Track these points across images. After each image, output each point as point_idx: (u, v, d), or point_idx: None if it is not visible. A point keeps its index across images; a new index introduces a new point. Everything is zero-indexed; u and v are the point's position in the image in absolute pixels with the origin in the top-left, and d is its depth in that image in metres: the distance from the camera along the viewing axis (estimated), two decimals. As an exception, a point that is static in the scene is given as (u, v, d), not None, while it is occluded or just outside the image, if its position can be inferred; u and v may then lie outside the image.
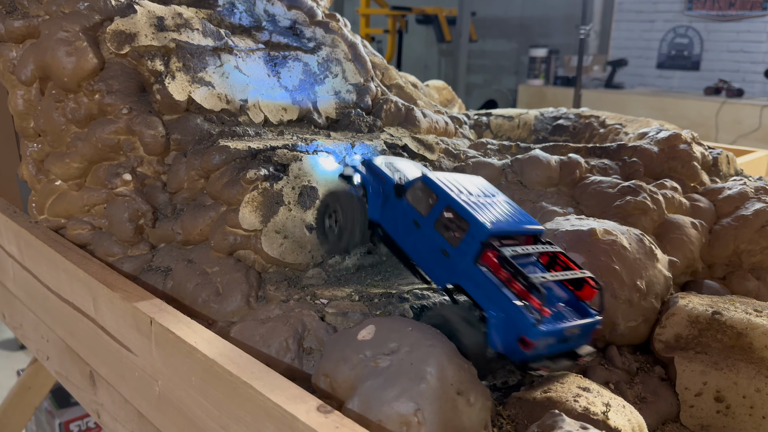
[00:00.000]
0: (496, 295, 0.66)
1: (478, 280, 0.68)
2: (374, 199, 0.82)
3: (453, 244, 0.71)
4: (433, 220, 0.73)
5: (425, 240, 0.74)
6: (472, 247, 0.69)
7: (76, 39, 0.90)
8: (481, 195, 0.75)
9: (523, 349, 0.64)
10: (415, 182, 0.77)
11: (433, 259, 0.73)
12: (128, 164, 0.93)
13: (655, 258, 0.87)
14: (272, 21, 1.16)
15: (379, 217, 0.81)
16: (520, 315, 0.64)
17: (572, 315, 0.70)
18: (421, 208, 0.75)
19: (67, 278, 0.87)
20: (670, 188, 1.03)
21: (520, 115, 1.74)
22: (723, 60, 5.91)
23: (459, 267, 0.70)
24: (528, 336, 0.63)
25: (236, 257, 0.87)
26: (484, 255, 0.69)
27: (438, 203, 0.73)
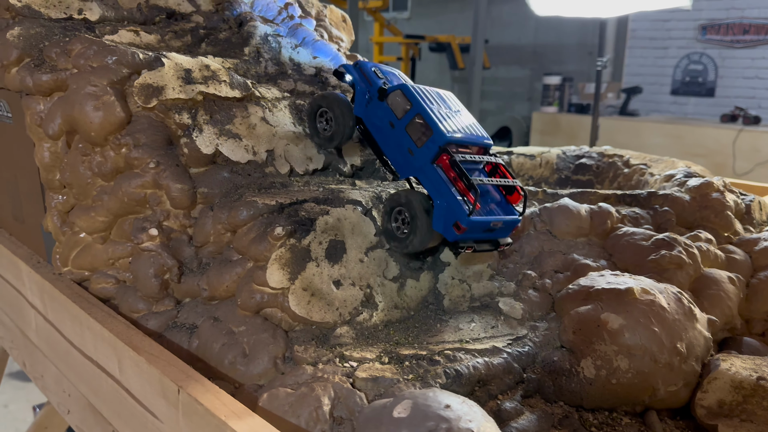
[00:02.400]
0: (443, 189, 0.84)
1: (431, 176, 0.85)
2: (360, 97, 0.96)
3: (417, 145, 0.86)
4: (405, 123, 0.88)
5: (396, 139, 0.89)
6: (431, 149, 0.85)
7: (103, 93, 0.90)
8: (448, 108, 0.90)
9: (456, 232, 0.82)
10: (395, 89, 0.90)
11: (400, 155, 0.90)
12: (154, 218, 0.92)
13: (695, 318, 0.84)
14: (297, 69, 1.15)
15: (363, 114, 0.95)
16: (458, 206, 0.82)
17: (500, 212, 0.87)
18: (397, 111, 0.89)
19: (92, 336, 0.86)
20: (704, 240, 1.01)
21: (542, 154, 1.72)
22: (738, 87, 5.89)
23: (419, 164, 0.86)
24: (461, 222, 0.81)
25: (263, 315, 0.85)
26: (439, 157, 0.85)
27: (411, 110, 0.88)
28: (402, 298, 0.95)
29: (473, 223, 0.82)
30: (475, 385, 0.79)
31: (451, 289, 0.98)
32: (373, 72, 0.97)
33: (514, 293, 0.96)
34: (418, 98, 0.88)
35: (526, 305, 0.94)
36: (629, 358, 0.79)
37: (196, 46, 1.11)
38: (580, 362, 0.81)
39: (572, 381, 0.81)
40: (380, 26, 6.29)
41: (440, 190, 0.84)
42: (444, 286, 0.98)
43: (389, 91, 0.91)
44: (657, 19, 6.21)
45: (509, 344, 0.85)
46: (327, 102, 0.98)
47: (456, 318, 0.93)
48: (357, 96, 0.96)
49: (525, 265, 1.02)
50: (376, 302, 0.91)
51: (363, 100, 0.95)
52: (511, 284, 0.98)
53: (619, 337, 0.80)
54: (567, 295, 0.89)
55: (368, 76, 0.96)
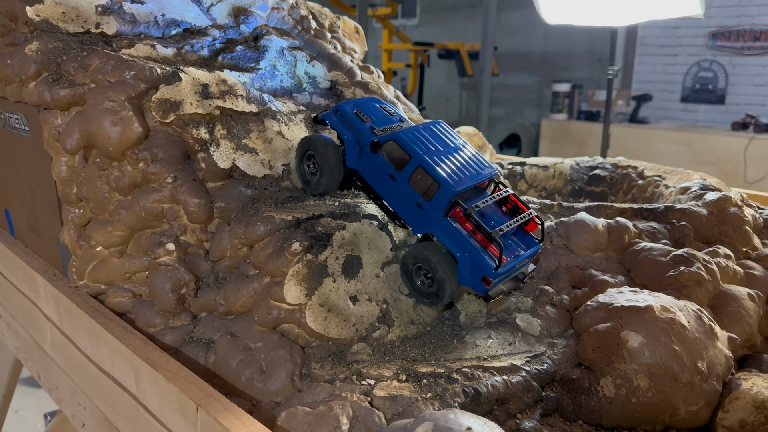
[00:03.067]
0: (464, 242, 0.81)
1: (448, 230, 0.82)
2: (351, 149, 0.90)
3: (426, 199, 0.83)
4: (407, 176, 0.84)
5: (401, 193, 0.85)
6: (442, 203, 0.81)
7: (121, 108, 0.90)
8: (445, 146, 0.86)
9: (485, 286, 0.81)
10: (387, 140, 0.86)
11: (408, 209, 0.86)
12: (171, 233, 0.92)
13: (715, 336, 0.83)
14: (313, 83, 1.15)
15: (357, 166, 0.90)
16: (483, 260, 0.80)
17: (521, 248, 0.86)
18: (395, 164, 0.85)
19: (109, 351, 0.86)
20: (723, 256, 1.00)
21: (555, 165, 1.72)
22: (749, 94, 5.86)
23: (431, 218, 0.83)
24: (490, 276, 0.80)
25: (280, 331, 0.85)
26: (452, 210, 0.82)
27: (411, 162, 0.83)
28: (418, 314, 0.94)
29: (501, 275, 0.81)
30: (494, 403, 0.78)
31: (468, 304, 0.97)
32: (355, 116, 0.92)
33: (531, 309, 0.96)
34: (415, 149, 0.83)
35: (543, 321, 0.93)
36: (649, 377, 0.79)
37: (213, 59, 1.11)
38: (600, 381, 0.81)
39: (592, 400, 0.80)
40: (389, 33, 6.31)
41: (461, 243, 0.82)
42: (460, 301, 0.97)
43: (381, 142, 0.86)
44: (667, 27, 6.19)
45: (528, 362, 0.85)
46: (313, 146, 0.92)
47: (473, 334, 0.93)
48: (347, 147, 0.91)
49: (542, 280, 1.01)
50: (392, 318, 0.91)
51: (354, 152, 0.90)
52: (528, 300, 0.97)
53: (639, 355, 0.79)
54: (586, 311, 0.89)
55: (352, 123, 0.91)
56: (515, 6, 6.70)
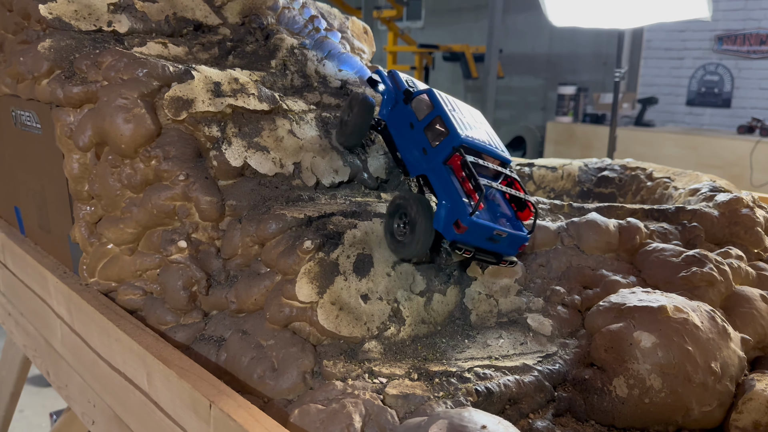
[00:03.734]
0: (450, 188, 0.83)
1: (440, 175, 0.85)
2: (387, 101, 0.98)
3: (432, 144, 0.87)
4: (424, 124, 0.90)
5: (414, 138, 0.91)
6: (445, 149, 0.85)
7: (134, 106, 0.90)
8: (470, 118, 0.92)
9: (456, 231, 0.80)
10: (421, 93, 0.93)
11: (414, 154, 0.91)
12: (183, 230, 0.92)
13: (729, 337, 0.83)
14: (323, 82, 1.15)
15: (386, 116, 0.98)
16: (462, 204, 0.81)
17: (508, 225, 0.85)
18: (419, 113, 0.91)
19: (120, 348, 0.86)
20: (735, 257, 0.99)
21: (564, 166, 1.71)
22: (755, 98, 5.85)
23: (431, 163, 0.87)
24: (462, 220, 0.79)
25: (291, 329, 0.85)
26: (452, 157, 0.85)
27: (432, 112, 0.89)
28: (429, 313, 0.94)
29: (474, 224, 0.79)
30: (506, 403, 0.78)
31: (478, 304, 0.97)
32: (404, 80, 1.00)
33: (542, 309, 0.95)
34: (441, 102, 0.90)
35: (555, 322, 0.93)
36: (662, 377, 0.78)
37: (223, 58, 1.11)
38: (612, 381, 0.80)
39: (604, 400, 0.80)
40: (394, 35, 6.32)
41: (447, 189, 0.83)
42: (471, 300, 0.97)
43: (415, 95, 0.94)
44: (673, 30, 6.18)
45: (539, 362, 0.84)
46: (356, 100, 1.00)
47: (483, 334, 0.92)
48: (384, 101, 0.99)
49: (553, 280, 1.01)
50: (403, 317, 0.91)
51: (389, 104, 0.98)
52: (540, 300, 0.97)
53: (652, 355, 0.79)
54: (598, 312, 0.88)
55: (398, 82, 0.99)
56: (520, 9, 6.70)
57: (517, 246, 0.86)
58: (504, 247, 0.85)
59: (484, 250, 0.84)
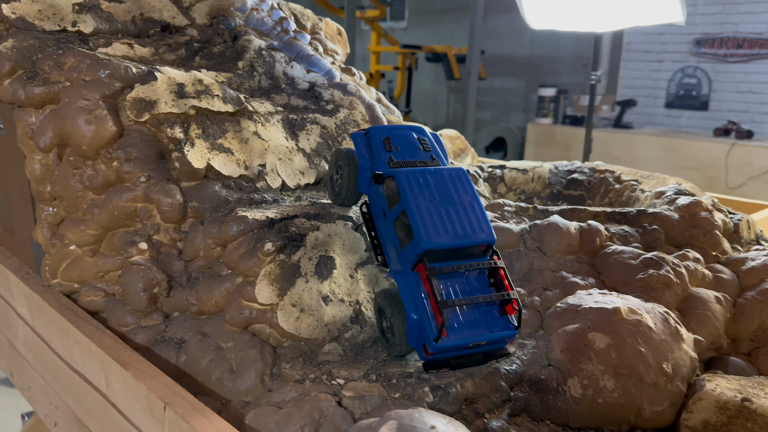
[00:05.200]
0: (418, 302, 0.75)
1: (408, 284, 0.76)
2: (363, 174, 0.87)
3: (402, 245, 0.77)
4: (394, 217, 0.79)
5: (388, 231, 0.81)
6: (412, 255, 0.75)
7: (96, 107, 0.90)
8: (448, 198, 0.78)
9: (425, 354, 0.75)
10: (389, 176, 0.80)
11: (390, 250, 0.81)
12: (144, 232, 0.92)
13: (681, 338, 0.85)
14: (291, 84, 1.16)
15: (366, 191, 0.87)
16: (428, 327, 0.73)
17: (487, 328, 0.76)
18: (390, 202, 0.80)
19: (79, 350, 0.86)
20: (692, 260, 1.01)
21: (534, 168, 1.73)
22: (731, 101, 5.94)
23: (402, 267, 0.78)
24: (428, 346, 0.73)
25: (251, 331, 0.85)
26: (419, 265, 0.75)
27: (399, 204, 0.78)
28: (391, 314, 0.95)
29: (441, 349, 0.73)
30: (462, 403, 0.79)
31: (441, 305, 0.98)
32: (381, 142, 0.86)
33: (502, 310, 0.96)
34: (407, 191, 0.77)
35: (514, 323, 0.94)
36: (615, 378, 0.80)
37: (190, 59, 1.11)
38: (567, 381, 0.82)
39: (559, 400, 0.81)
40: (377, 36, 6.32)
41: (414, 302, 0.75)
42: (433, 302, 0.98)
43: (385, 176, 0.81)
44: (652, 33, 6.25)
45: (497, 362, 0.85)
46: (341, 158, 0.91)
47: (445, 335, 0.93)
48: (360, 172, 0.87)
49: (514, 282, 1.02)
50: (364, 319, 0.91)
51: (366, 178, 0.86)
52: (500, 301, 0.98)
53: (606, 356, 0.80)
54: (555, 313, 0.90)
55: (374, 149, 0.86)
56: (502, 10, 6.74)
57: (506, 342, 0.79)
58: (490, 347, 0.78)
59: (466, 356, 0.77)
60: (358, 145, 0.88)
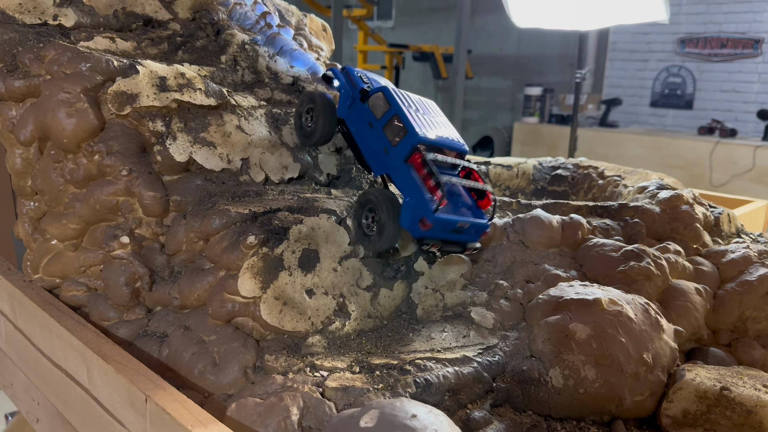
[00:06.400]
0: (413, 186, 0.86)
1: (403, 174, 0.88)
2: (344, 99, 0.99)
3: (392, 144, 0.89)
4: (383, 123, 0.91)
5: (374, 138, 0.92)
6: (405, 148, 0.88)
7: (76, 100, 0.90)
8: (428, 114, 0.94)
9: (422, 228, 0.84)
10: (377, 91, 0.94)
11: (376, 154, 0.93)
12: (126, 226, 0.92)
13: (661, 329, 0.86)
14: (275, 78, 1.16)
15: (345, 115, 0.99)
16: (425, 203, 0.84)
17: (469, 215, 0.89)
18: (376, 112, 0.92)
19: (61, 344, 0.85)
20: (673, 252, 1.02)
21: (519, 164, 1.74)
22: (716, 100, 6.00)
23: (393, 162, 0.89)
24: (427, 218, 0.83)
25: (234, 324, 0.85)
26: (412, 156, 0.88)
27: (389, 111, 0.91)
28: (375, 308, 0.95)
29: (438, 220, 0.84)
30: (445, 394, 0.79)
31: (425, 298, 0.98)
32: (358, 77, 1.01)
33: (486, 303, 0.97)
34: (397, 100, 0.91)
35: (497, 315, 0.94)
36: (596, 368, 0.80)
37: (173, 53, 1.11)
38: (549, 372, 0.82)
39: (541, 390, 0.82)
40: (364, 35, 6.32)
41: (410, 187, 0.86)
42: (417, 295, 0.98)
43: (371, 93, 0.95)
44: (637, 32, 6.31)
45: (480, 353, 0.86)
46: (312, 99, 1.01)
47: (428, 327, 0.94)
48: (341, 98, 1.00)
49: (498, 275, 1.03)
50: (348, 311, 0.91)
51: (346, 103, 0.99)
52: (484, 294, 0.99)
53: (587, 347, 0.81)
54: (537, 305, 0.91)
55: (353, 79, 1.00)
56: (489, 10, 6.76)
57: (480, 233, 0.92)
58: (468, 237, 0.90)
59: (449, 241, 0.89)
60: (338, 75, 1.01)
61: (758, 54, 5.73)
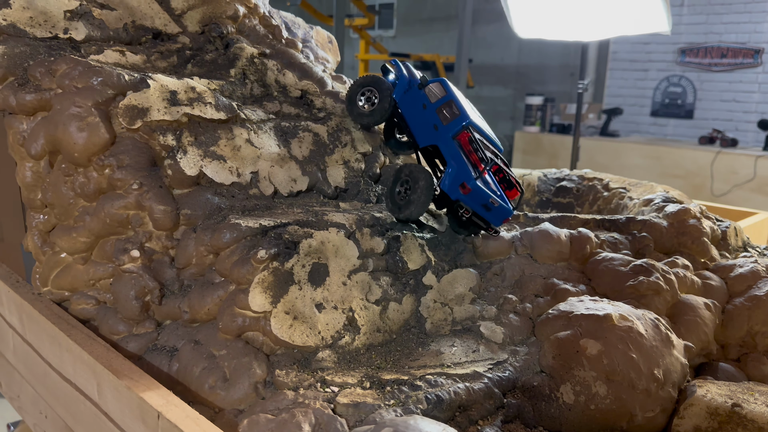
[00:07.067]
0: (458, 157, 1.02)
1: (450, 146, 1.03)
2: (400, 86, 1.14)
3: (444, 123, 1.05)
4: (437, 106, 1.07)
5: (425, 116, 1.08)
6: (456, 126, 1.03)
7: (88, 114, 0.90)
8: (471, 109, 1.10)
9: (461, 191, 1.00)
10: (434, 81, 1.10)
11: (424, 130, 1.08)
12: (136, 239, 0.92)
13: (672, 344, 0.86)
14: (283, 91, 1.16)
15: (399, 98, 1.14)
16: (467, 170, 1.00)
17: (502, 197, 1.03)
18: (431, 97, 1.08)
19: (71, 358, 0.85)
20: (681, 266, 1.03)
21: (524, 176, 1.74)
22: (716, 109, 6.01)
23: (442, 137, 1.05)
24: (467, 182, 0.99)
25: (244, 339, 0.85)
26: (461, 134, 1.03)
27: (444, 96, 1.07)
28: (384, 321, 0.95)
29: (477, 188, 0.99)
30: (456, 410, 0.79)
31: (433, 312, 0.98)
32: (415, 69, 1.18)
33: (495, 317, 0.97)
34: (452, 90, 1.08)
35: (506, 329, 0.94)
36: (607, 384, 0.80)
37: (182, 67, 1.11)
38: (560, 387, 0.82)
39: (552, 406, 0.82)
40: (366, 44, 6.34)
41: (455, 157, 1.02)
42: (426, 309, 0.98)
43: (429, 82, 1.11)
44: (638, 42, 6.33)
45: (490, 369, 0.86)
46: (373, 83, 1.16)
47: (438, 342, 0.94)
48: (398, 84, 1.14)
49: (506, 288, 1.03)
50: (358, 326, 0.91)
51: (402, 88, 1.14)
52: (493, 308, 0.99)
53: (598, 363, 0.81)
54: (547, 320, 0.91)
55: (411, 71, 1.16)
56: (490, 20, 6.79)
57: (503, 218, 1.04)
58: (493, 217, 1.03)
59: (477, 215, 1.04)
60: (399, 68, 1.17)
61: (758, 64, 5.76)
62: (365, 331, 0.92)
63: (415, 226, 1.08)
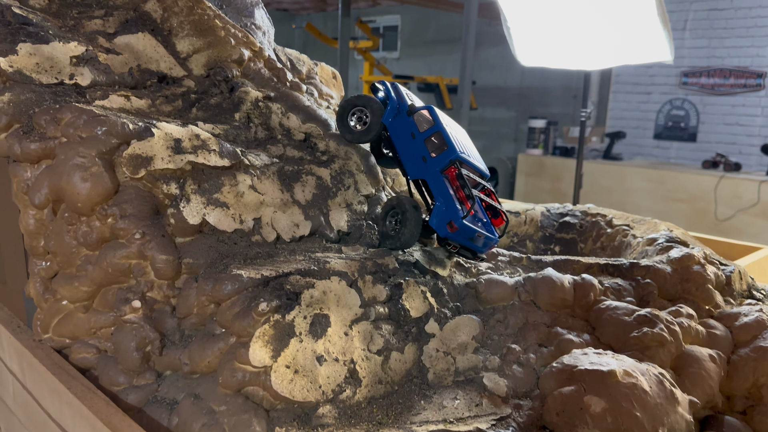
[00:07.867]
0: (446, 194, 1.02)
1: (438, 181, 1.03)
2: (390, 110, 1.12)
3: (432, 155, 1.05)
4: (425, 136, 1.06)
5: (414, 148, 1.07)
6: (443, 161, 1.03)
7: (92, 164, 0.90)
8: (460, 135, 1.10)
9: (449, 230, 1.00)
10: (422, 109, 1.10)
11: (413, 161, 1.07)
12: (138, 289, 0.92)
13: (676, 401, 0.85)
14: (287, 134, 1.16)
15: (389, 123, 1.12)
16: (455, 209, 1.01)
17: (485, 229, 1.05)
18: (420, 126, 1.07)
19: (71, 412, 0.84)
20: (686, 316, 1.02)
21: (527, 211, 1.74)
22: (719, 133, 6.02)
23: (430, 171, 1.05)
24: (455, 222, 1.00)
25: (244, 394, 0.84)
26: (449, 168, 1.04)
27: (433, 127, 1.06)
28: (386, 372, 0.94)
29: (464, 226, 0.99)
30: (458, 470, 0.78)
31: (436, 362, 0.98)
32: (404, 93, 1.16)
33: (498, 368, 0.96)
34: (440, 120, 1.08)
35: (510, 381, 0.94)
36: (612, 443, 0.79)
37: (187, 110, 1.12)
38: (563, 446, 0.81)
39: (555, 465, 0.81)
40: (370, 66, 6.39)
41: (443, 193, 1.02)
42: (428, 358, 0.98)
43: (417, 110, 1.10)
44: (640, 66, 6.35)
45: (493, 426, 0.85)
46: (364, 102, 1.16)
47: (440, 393, 0.93)
48: (389, 108, 1.13)
49: (509, 337, 1.02)
50: (359, 378, 0.91)
51: (392, 113, 1.12)
52: (496, 358, 0.98)
53: (602, 421, 0.80)
54: (550, 373, 0.90)
55: (401, 96, 1.15)
56: (494, 42, 6.83)
57: (489, 246, 1.07)
58: (479, 247, 1.06)
59: (464, 247, 1.05)
60: (388, 89, 1.16)
61: (761, 87, 5.77)
62: (366, 383, 0.91)
63: (417, 271, 1.08)
